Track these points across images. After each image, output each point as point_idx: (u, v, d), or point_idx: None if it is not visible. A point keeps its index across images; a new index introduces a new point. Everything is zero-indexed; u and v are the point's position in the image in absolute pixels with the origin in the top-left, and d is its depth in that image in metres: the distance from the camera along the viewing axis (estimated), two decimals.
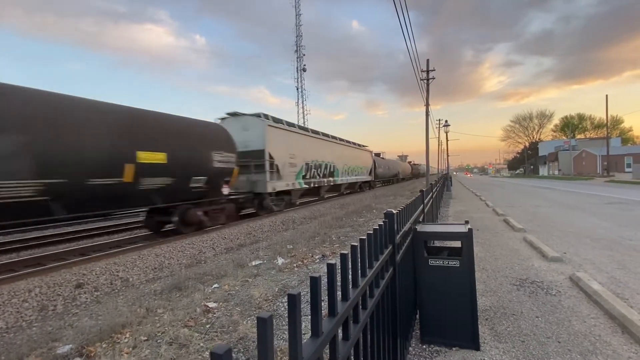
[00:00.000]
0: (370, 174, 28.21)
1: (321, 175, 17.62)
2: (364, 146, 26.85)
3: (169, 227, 9.35)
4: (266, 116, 13.10)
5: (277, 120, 13.77)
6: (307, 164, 15.79)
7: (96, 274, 5.66)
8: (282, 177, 13.33)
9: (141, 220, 11.66)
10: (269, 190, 12.37)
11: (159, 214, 8.98)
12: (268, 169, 12.29)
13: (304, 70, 47.08)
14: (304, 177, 15.47)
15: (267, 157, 12.32)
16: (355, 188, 25.42)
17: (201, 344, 2.85)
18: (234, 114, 13.12)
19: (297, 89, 46.89)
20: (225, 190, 10.34)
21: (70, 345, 3.01)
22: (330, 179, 18.91)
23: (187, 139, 8.71)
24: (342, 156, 21.22)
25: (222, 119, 13.15)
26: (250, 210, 13.03)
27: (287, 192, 14.05)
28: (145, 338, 3.00)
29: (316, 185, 16.98)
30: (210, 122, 10.72)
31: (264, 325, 0.62)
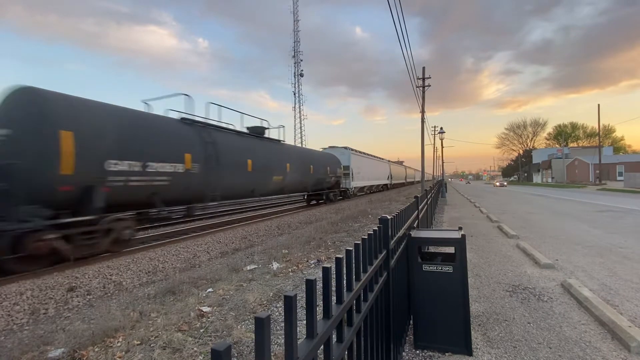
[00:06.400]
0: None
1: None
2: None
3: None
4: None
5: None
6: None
7: (89, 277, 5.61)
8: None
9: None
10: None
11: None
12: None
13: (301, 75, 47.43)
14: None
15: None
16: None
17: (195, 349, 2.84)
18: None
19: (294, 94, 47.18)
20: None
21: (62, 349, 2.98)
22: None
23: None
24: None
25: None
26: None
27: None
28: (139, 342, 2.98)
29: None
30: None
31: (261, 325, 0.64)
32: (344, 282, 1.19)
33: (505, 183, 58.91)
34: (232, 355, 2.71)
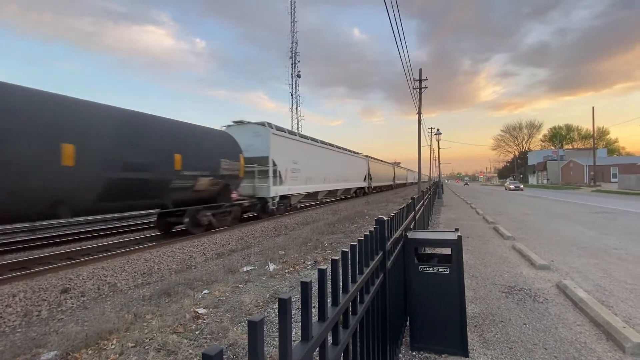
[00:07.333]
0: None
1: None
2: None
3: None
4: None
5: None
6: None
7: (83, 279, 5.56)
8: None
9: (133, 224, 11.74)
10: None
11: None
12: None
13: (299, 76, 47.42)
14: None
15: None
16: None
17: (190, 351, 2.82)
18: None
19: (292, 95, 47.13)
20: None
21: (55, 352, 2.95)
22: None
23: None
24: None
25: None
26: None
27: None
28: (133, 344, 2.95)
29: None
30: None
31: (255, 329, 0.63)
32: (340, 284, 1.18)
33: (521, 186, 43.02)
34: (228, 358, 2.69)
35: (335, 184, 20.78)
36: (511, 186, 40.75)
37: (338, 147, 22.01)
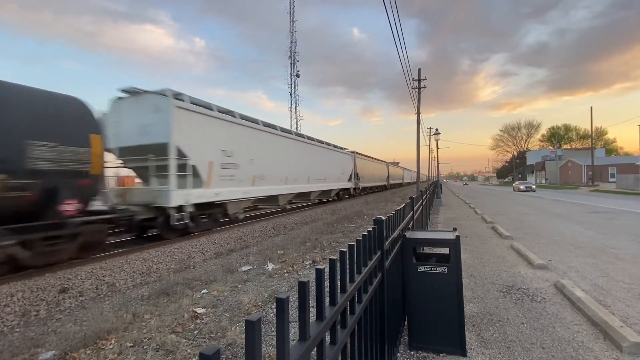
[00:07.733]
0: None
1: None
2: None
3: None
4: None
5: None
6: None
7: (81, 279, 5.55)
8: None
9: None
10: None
11: None
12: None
13: (298, 76, 47.46)
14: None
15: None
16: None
17: (188, 350, 2.82)
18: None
19: (291, 94, 47.14)
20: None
21: (53, 352, 2.94)
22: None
23: None
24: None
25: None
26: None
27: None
28: (131, 344, 2.95)
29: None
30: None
31: (252, 328, 0.63)
32: (338, 283, 1.18)
33: (533, 186, 36.77)
34: (226, 358, 2.69)
35: (305, 185, 15.92)
36: (521, 187, 34.72)
37: (310, 138, 17.15)
